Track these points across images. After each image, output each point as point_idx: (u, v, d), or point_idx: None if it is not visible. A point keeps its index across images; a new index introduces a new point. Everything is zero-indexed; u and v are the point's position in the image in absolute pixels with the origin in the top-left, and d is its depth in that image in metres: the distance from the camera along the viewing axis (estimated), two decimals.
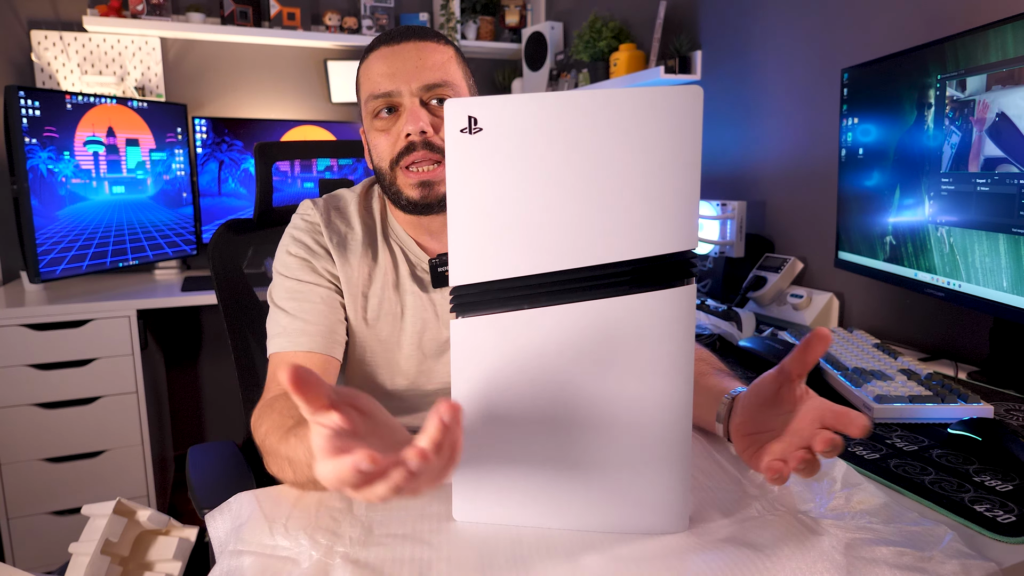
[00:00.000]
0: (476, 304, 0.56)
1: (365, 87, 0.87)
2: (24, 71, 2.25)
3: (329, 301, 0.88)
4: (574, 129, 0.53)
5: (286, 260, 0.89)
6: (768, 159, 1.70)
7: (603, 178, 0.53)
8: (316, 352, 0.84)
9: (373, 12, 2.61)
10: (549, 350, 0.56)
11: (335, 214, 0.93)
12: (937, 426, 0.87)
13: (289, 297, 0.87)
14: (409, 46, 0.85)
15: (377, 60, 0.85)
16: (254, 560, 0.57)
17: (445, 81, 0.84)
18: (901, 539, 0.59)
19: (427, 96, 0.84)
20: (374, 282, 0.91)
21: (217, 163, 2.40)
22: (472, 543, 0.60)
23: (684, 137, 0.52)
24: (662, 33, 1.98)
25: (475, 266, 0.56)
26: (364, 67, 0.88)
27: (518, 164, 0.54)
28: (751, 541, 0.59)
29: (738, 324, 1.40)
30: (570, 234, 0.54)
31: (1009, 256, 0.95)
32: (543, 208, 0.54)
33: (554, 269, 0.55)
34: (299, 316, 0.85)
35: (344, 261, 0.89)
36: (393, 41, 0.85)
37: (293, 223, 0.93)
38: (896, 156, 1.18)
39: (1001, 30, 0.94)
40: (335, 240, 0.90)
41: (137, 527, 0.70)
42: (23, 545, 1.85)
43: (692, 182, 0.53)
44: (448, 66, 0.86)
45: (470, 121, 0.53)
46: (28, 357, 1.81)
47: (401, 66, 0.84)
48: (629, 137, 0.53)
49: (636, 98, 0.52)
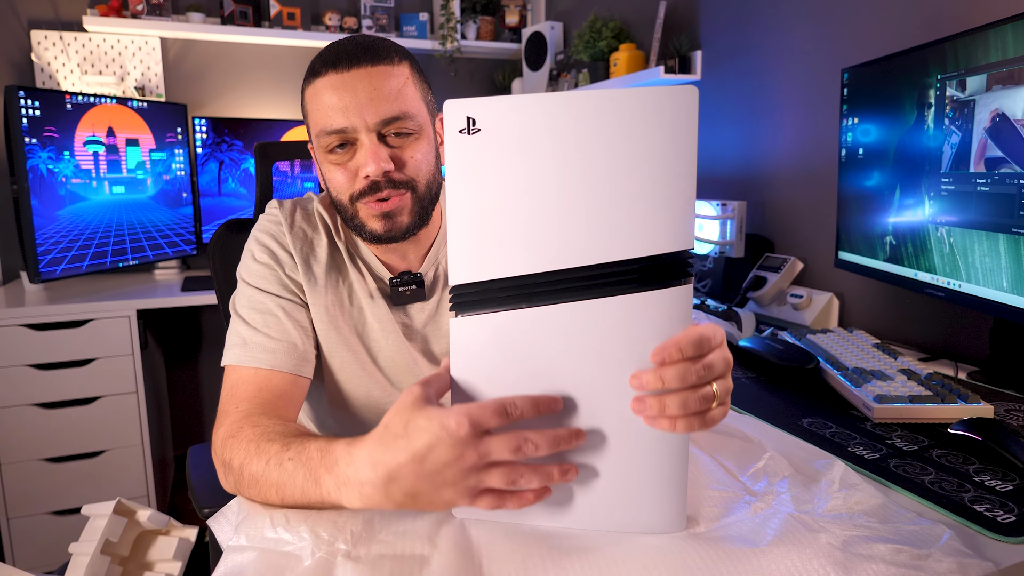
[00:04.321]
0: (475, 303, 0.57)
1: (315, 118, 0.80)
2: (24, 71, 2.25)
3: (294, 314, 0.83)
4: (571, 129, 0.53)
5: (250, 266, 0.86)
6: (768, 159, 1.70)
7: (600, 177, 0.54)
8: (280, 371, 0.79)
9: (373, 12, 2.61)
10: (547, 349, 0.56)
11: (301, 215, 0.89)
12: (937, 426, 0.87)
13: (252, 308, 0.83)
14: (360, 73, 0.77)
15: (326, 90, 0.78)
16: (257, 556, 0.57)
17: (403, 113, 0.79)
18: (899, 537, 0.59)
19: (386, 130, 0.79)
20: (341, 292, 0.88)
21: (217, 163, 2.40)
22: (472, 541, 0.60)
23: (680, 136, 0.53)
24: (662, 33, 1.98)
25: (474, 265, 0.56)
26: (312, 93, 0.80)
27: (516, 164, 0.54)
28: (748, 540, 0.59)
29: (738, 324, 1.40)
30: (568, 233, 0.55)
31: (1009, 256, 0.95)
32: (541, 207, 0.55)
33: (552, 268, 0.55)
34: (261, 330, 0.81)
35: (307, 268, 0.86)
36: (342, 66, 0.77)
37: (258, 224, 0.89)
38: (896, 156, 1.18)
39: (1001, 30, 0.94)
40: (299, 245, 0.86)
41: (137, 527, 0.70)
42: (23, 545, 1.85)
43: (688, 181, 0.53)
44: (405, 92, 0.79)
45: (468, 122, 0.53)
46: (28, 357, 1.81)
47: (352, 99, 0.77)
48: (625, 137, 0.53)
49: (632, 98, 0.52)
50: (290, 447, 0.64)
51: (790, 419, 0.91)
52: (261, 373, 0.79)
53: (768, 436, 0.85)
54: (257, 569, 0.56)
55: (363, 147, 0.79)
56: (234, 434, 0.70)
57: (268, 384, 0.78)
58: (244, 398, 0.77)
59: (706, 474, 0.71)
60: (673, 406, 0.54)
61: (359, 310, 0.88)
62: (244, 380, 0.79)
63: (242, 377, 0.79)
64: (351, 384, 0.90)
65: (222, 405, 0.78)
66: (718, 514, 0.63)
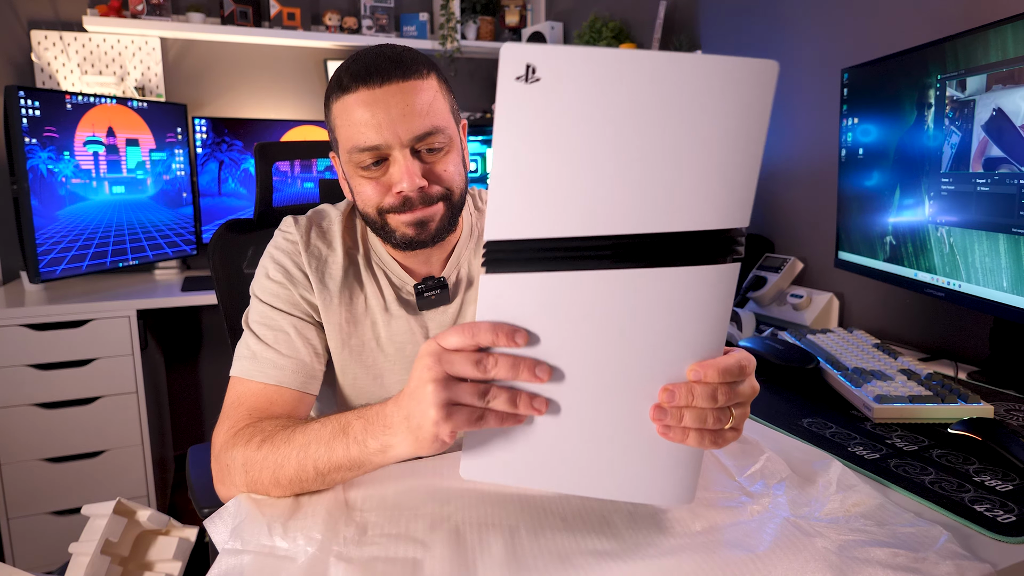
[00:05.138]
0: (509, 261, 0.53)
1: (346, 133, 0.79)
2: (24, 71, 2.25)
3: (305, 333, 0.84)
4: (637, 90, 0.49)
5: (264, 284, 0.86)
6: (768, 159, 1.70)
7: (663, 144, 0.50)
8: (287, 387, 0.80)
9: (373, 12, 2.61)
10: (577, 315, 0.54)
11: (316, 234, 0.89)
12: (937, 426, 0.87)
13: (264, 324, 0.83)
14: (392, 89, 0.77)
15: (358, 106, 0.77)
16: (253, 559, 0.58)
17: (435, 127, 0.79)
18: (896, 540, 0.59)
19: (419, 146, 0.79)
20: (356, 307, 0.88)
21: (217, 163, 2.40)
22: (465, 543, 0.60)
23: (753, 111, 0.50)
24: (662, 33, 1.98)
25: (513, 222, 0.52)
26: (341, 108, 0.79)
27: (574, 120, 0.50)
28: (745, 543, 0.59)
29: (738, 324, 1.40)
30: (619, 199, 0.51)
31: (1009, 256, 0.95)
32: (594, 169, 0.51)
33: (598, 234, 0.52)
34: (272, 346, 0.82)
35: (323, 287, 0.86)
36: (373, 82, 0.77)
37: (273, 242, 0.89)
38: (896, 156, 1.18)
39: (1001, 30, 0.94)
40: (314, 265, 0.86)
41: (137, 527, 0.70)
42: (23, 545, 1.85)
43: (754, 158, 0.50)
44: (435, 105, 0.80)
45: (528, 70, 0.49)
46: (28, 357, 1.81)
47: (386, 116, 0.77)
48: (696, 105, 0.49)
49: (709, 65, 0.49)
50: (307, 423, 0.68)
51: (790, 419, 0.91)
52: (268, 388, 0.80)
53: (766, 437, 0.85)
54: (252, 572, 0.56)
55: (396, 163, 0.79)
56: (237, 432, 0.73)
57: (274, 399, 0.80)
58: (249, 407, 0.78)
59: (703, 476, 0.71)
60: (691, 420, 0.54)
61: (373, 324, 0.89)
62: (251, 392, 0.80)
63: (249, 389, 0.80)
64: (363, 399, 0.90)
65: (225, 411, 0.79)
66: (714, 518, 0.63)
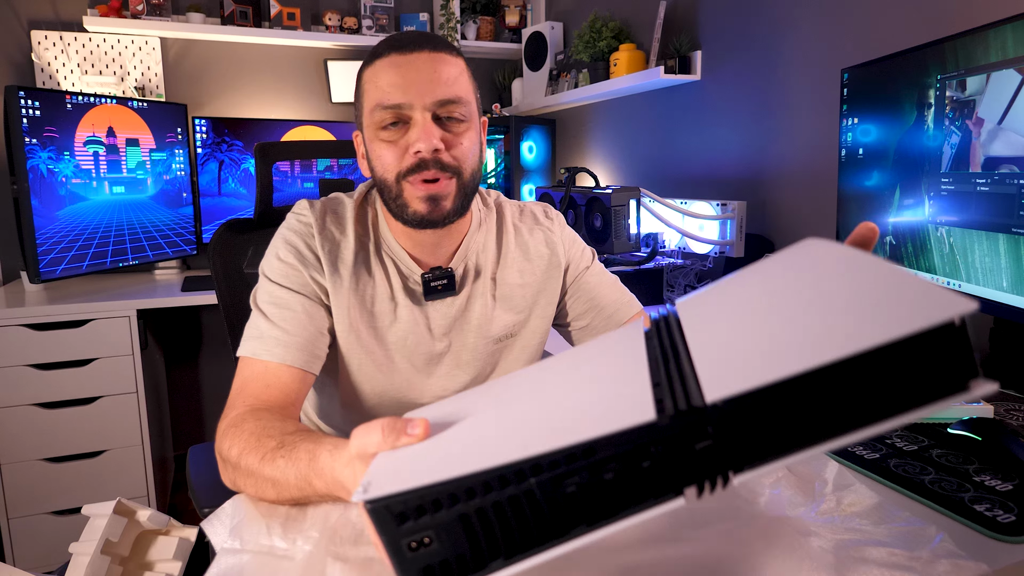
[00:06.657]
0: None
1: (371, 94, 0.82)
2: (24, 71, 2.25)
3: (312, 313, 0.85)
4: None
5: (274, 264, 0.87)
6: (768, 159, 1.70)
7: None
8: (291, 366, 0.81)
9: (373, 12, 2.61)
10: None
11: (331, 219, 0.90)
12: (937, 426, 0.87)
13: (272, 303, 0.84)
14: (423, 56, 0.80)
15: (387, 68, 0.81)
16: (251, 558, 0.58)
17: (459, 97, 0.81)
18: (892, 539, 0.59)
19: (440, 112, 0.81)
20: (364, 293, 0.88)
21: (217, 163, 2.40)
22: None
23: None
24: (662, 33, 1.98)
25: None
26: (371, 72, 0.83)
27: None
28: (740, 543, 0.58)
29: None
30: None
31: (1009, 256, 0.95)
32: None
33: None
34: (279, 324, 0.82)
35: (334, 271, 0.86)
36: (406, 49, 0.81)
37: (287, 223, 0.89)
38: (896, 156, 1.18)
39: (1001, 30, 0.94)
40: (327, 248, 0.87)
41: (137, 527, 0.70)
42: (23, 545, 1.85)
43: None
44: (460, 80, 0.83)
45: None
46: (28, 357, 1.81)
47: (415, 77, 0.79)
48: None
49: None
50: (284, 445, 0.66)
51: None
52: (272, 366, 0.81)
53: None
54: (250, 571, 0.56)
55: (416, 125, 0.80)
56: (237, 424, 0.73)
57: (278, 378, 0.81)
58: (252, 393, 0.79)
59: None
60: None
61: (381, 311, 0.89)
62: (256, 374, 0.81)
63: (255, 371, 0.81)
64: (367, 385, 0.91)
65: (231, 397, 0.81)
66: (709, 517, 0.63)
